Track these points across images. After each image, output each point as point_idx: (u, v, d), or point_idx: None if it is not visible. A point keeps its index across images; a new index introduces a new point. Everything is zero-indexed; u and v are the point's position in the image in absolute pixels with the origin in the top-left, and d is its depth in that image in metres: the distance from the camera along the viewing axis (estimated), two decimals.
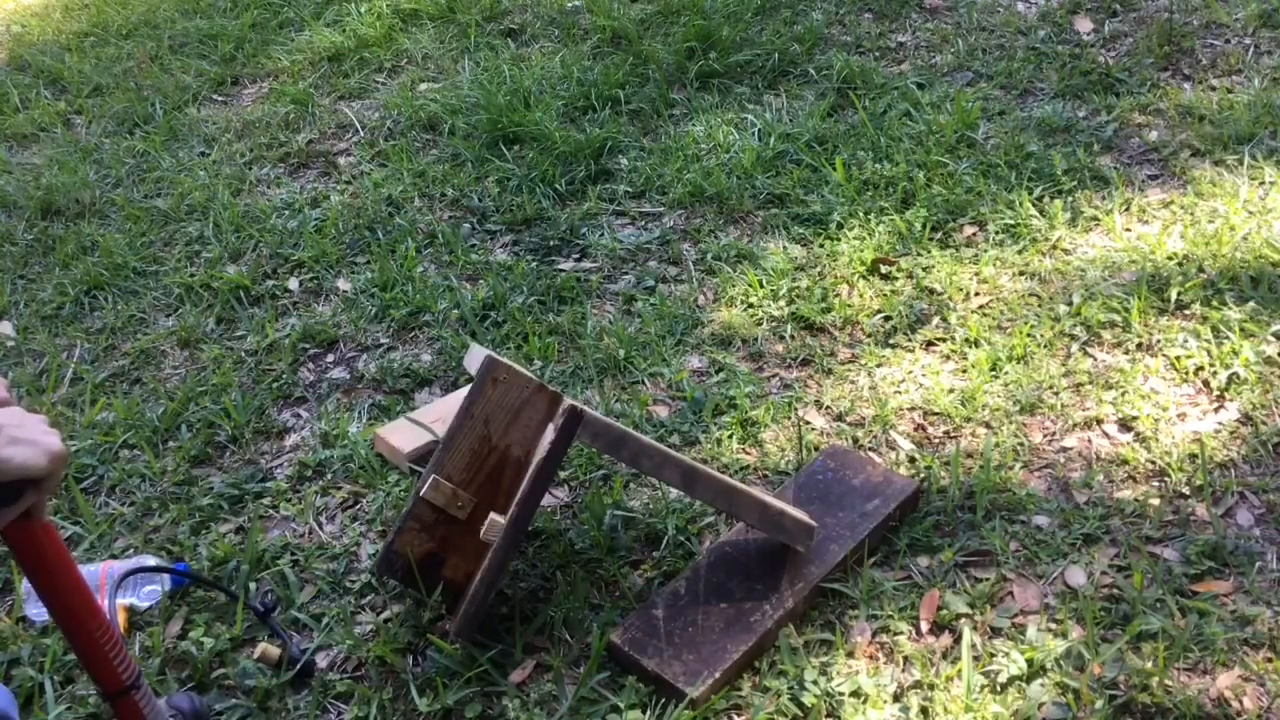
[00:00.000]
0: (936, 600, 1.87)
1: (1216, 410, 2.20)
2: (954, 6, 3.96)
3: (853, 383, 2.41)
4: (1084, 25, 3.71)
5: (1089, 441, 2.18)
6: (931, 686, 1.72)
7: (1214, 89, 3.27)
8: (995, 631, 1.81)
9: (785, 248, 2.87)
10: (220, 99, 4.25)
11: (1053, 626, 1.81)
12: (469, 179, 3.38)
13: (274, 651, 1.88)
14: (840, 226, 2.90)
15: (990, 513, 2.03)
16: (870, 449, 2.23)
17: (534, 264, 2.95)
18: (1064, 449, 2.17)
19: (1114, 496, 2.05)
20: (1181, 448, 2.12)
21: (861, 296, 2.66)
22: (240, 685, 1.87)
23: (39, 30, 5.20)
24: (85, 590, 1.40)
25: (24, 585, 2.09)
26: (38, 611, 2.04)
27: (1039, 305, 2.54)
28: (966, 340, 2.46)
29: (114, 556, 2.20)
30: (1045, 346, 2.41)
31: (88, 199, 3.59)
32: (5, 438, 1.19)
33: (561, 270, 2.93)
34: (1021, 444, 2.18)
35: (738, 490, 1.84)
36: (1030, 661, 1.73)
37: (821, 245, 2.86)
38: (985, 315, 2.53)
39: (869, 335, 2.54)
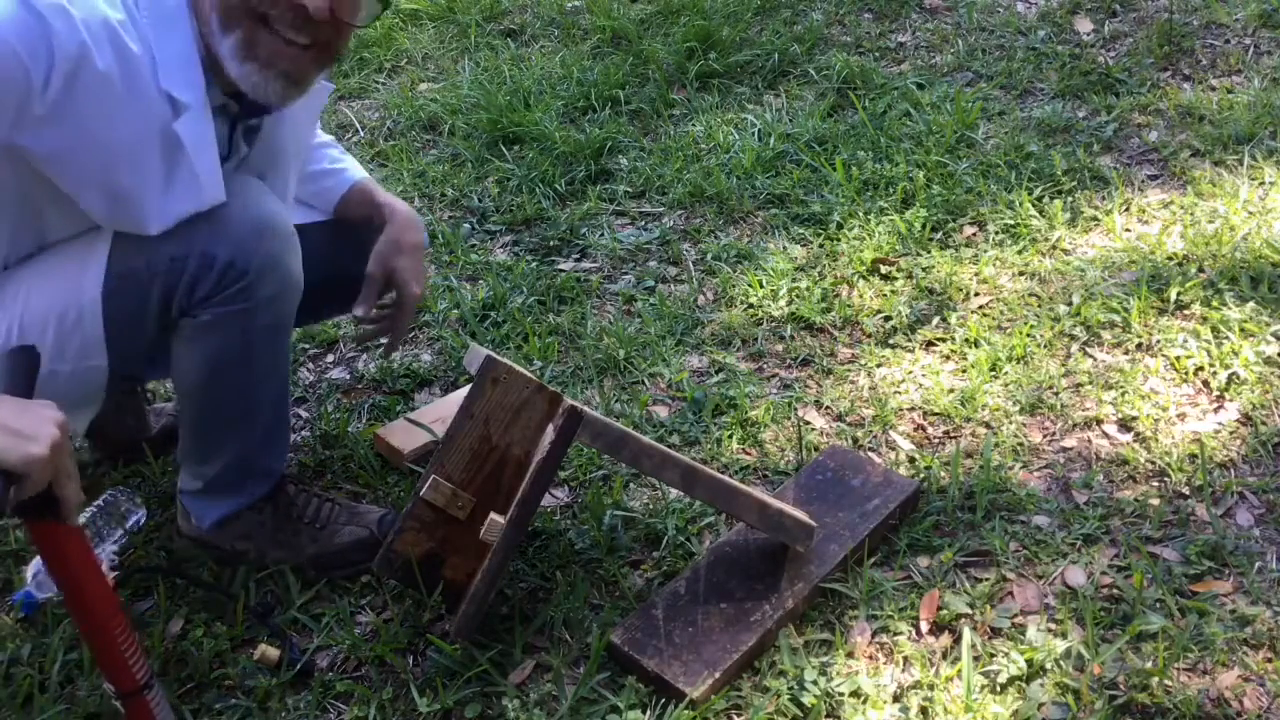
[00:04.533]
0: (936, 600, 1.87)
1: (1216, 410, 2.20)
2: (954, 6, 3.96)
3: (853, 383, 2.41)
4: (1084, 25, 3.71)
5: (1089, 441, 2.18)
6: (931, 687, 1.72)
7: (1214, 89, 3.27)
8: (995, 631, 1.81)
9: (785, 248, 2.87)
10: None
11: (1053, 626, 1.81)
12: (469, 179, 3.38)
13: (273, 652, 1.88)
14: (840, 227, 2.90)
15: (990, 513, 2.03)
16: (870, 449, 2.23)
17: (534, 264, 2.95)
18: (1064, 449, 2.17)
19: (1114, 496, 2.05)
20: (1181, 448, 2.12)
21: (861, 296, 2.66)
22: (240, 685, 1.87)
23: None
24: (109, 592, 1.42)
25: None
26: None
27: (1039, 305, 2.54)
28: (966, 340, 2.46)
29: None
30: (1045, 346, 2.41)
31: None
32: None
33: (561, 270, 2.93)
34: (1021, 444, 2.19)
35: (737, 490, 1.84)
36: (1030, 661, 1.73)
37: (821, 245, 2.86)
38: (985, 315, 2.53)
39: (869, 335, 2.54)
